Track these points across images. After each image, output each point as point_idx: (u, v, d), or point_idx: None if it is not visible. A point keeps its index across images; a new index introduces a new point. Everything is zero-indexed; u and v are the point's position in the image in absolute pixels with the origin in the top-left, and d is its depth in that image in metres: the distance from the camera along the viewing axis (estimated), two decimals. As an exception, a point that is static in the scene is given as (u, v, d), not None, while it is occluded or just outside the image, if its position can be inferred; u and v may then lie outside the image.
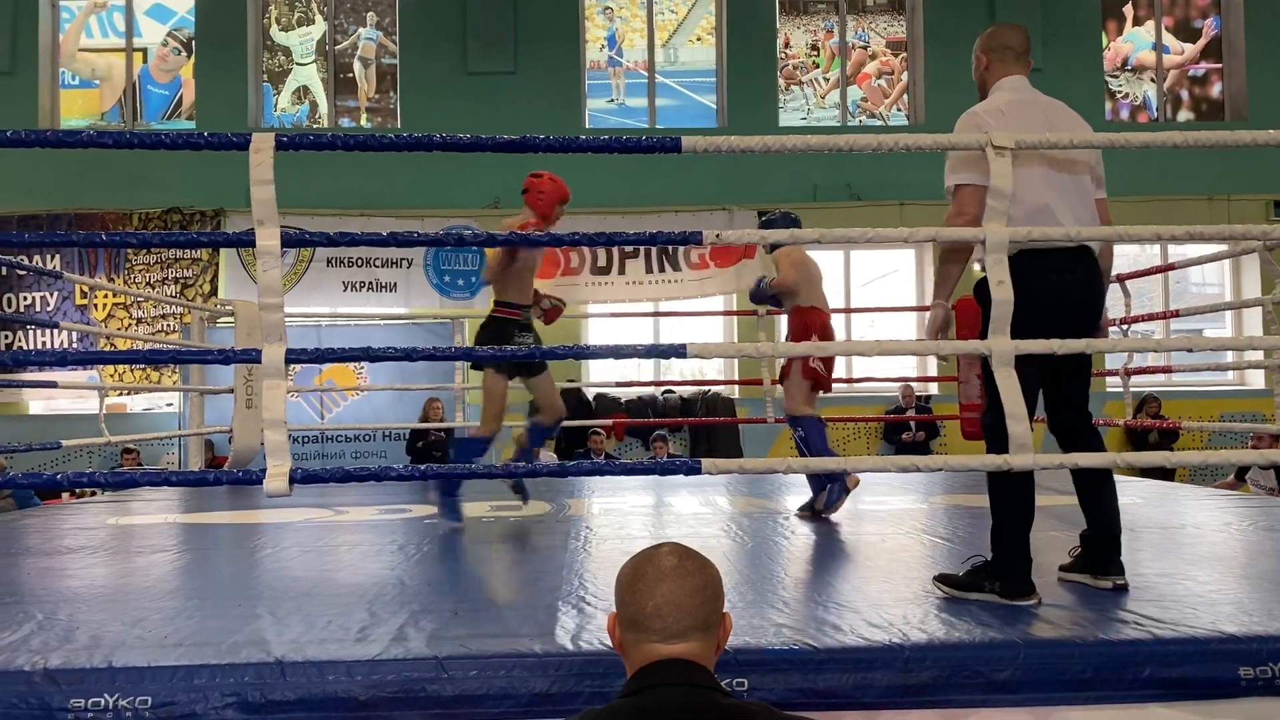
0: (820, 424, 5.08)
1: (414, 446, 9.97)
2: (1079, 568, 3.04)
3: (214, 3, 11.81)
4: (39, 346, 11.12)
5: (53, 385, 6.49)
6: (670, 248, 11.32)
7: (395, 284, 11.49)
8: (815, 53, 12.35)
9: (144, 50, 12.10)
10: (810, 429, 5.02)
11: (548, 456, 9.69)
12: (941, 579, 3.00)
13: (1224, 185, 11.50)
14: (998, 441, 2.88)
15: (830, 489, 4.76)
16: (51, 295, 11.32)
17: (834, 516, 4.76)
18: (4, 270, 11.14)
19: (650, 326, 11.36)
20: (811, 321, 5.05)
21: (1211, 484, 9.00)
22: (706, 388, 11.17)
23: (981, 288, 2.96)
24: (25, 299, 11.33)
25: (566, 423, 10.37)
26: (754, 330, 6.58)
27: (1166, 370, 6.82)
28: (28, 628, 2.59)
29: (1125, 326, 6.51)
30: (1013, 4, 11.75)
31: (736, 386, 10.89)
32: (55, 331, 11.05)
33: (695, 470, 2.89)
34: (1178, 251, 10.81)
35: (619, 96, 12.26)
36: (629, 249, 11.39)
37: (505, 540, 4.32)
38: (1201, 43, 12.41)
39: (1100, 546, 3.00)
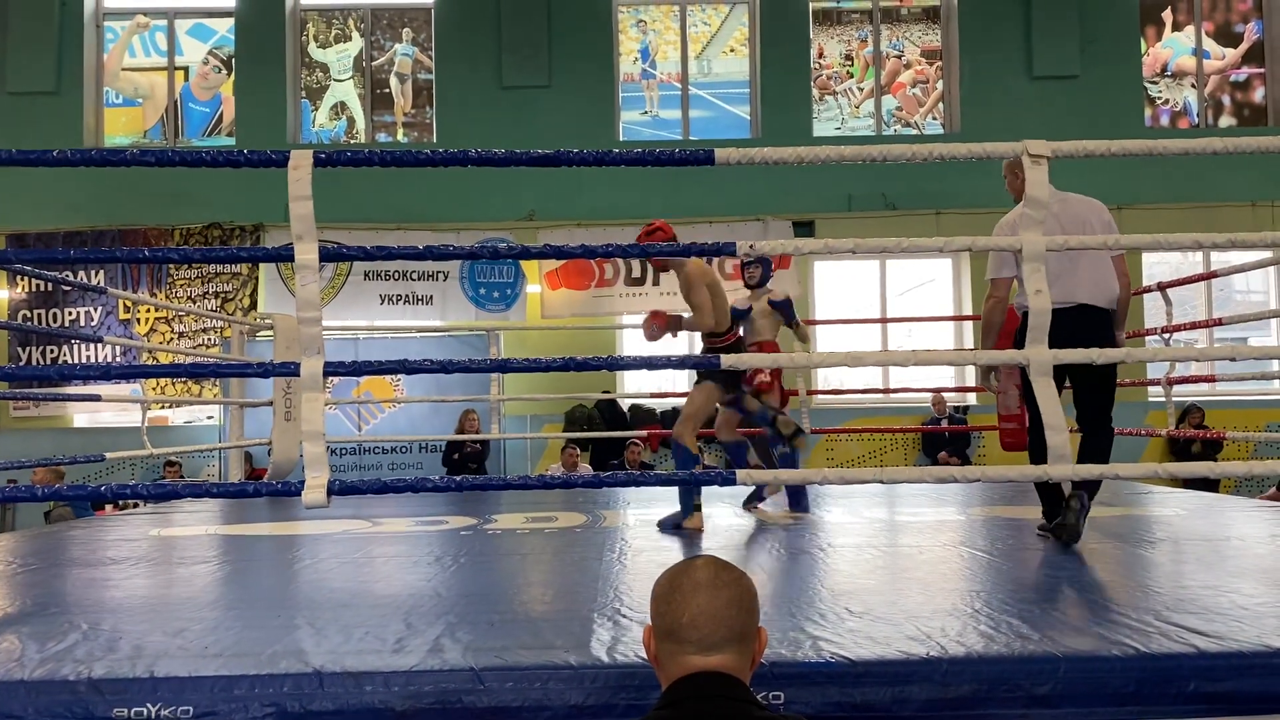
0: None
1: (450, 458, 10.03)
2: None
3: (253, 21, 12.01)
4: (83, 360, 11.31)
5: (96, 399, 6.59)
6: (705, 259, 11.30)
7: (431, 297, 11.58)
8: (849, 62, 12.32)
9: (185, 69, 12.32)
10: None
11: (584, 468, 9.71)
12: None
13: (1268, 191, 11.32)
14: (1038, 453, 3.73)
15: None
16: (95, 310, 11.53)
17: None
18: (50, 286, 11.36)
19: (685, 338, 11.34)
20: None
21: (1257, 495, 8.84)
22: (742, 399, 11.11)
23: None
24: (70, 314, 11.54)
25: (601, 434, 10.40)
26: (789, 340, 6.58)
27: (1210, 379, 6.72)
28: (73, 637, 2.63)
29: (1167, 335, 6.42)
30: (1049, 11, 11.67)
31: (772, 397, 10.83)
32: (99, 346, 11.24)
33: (730, 481, 2.88)
34: (1220, 259, 10.65)
35: (653, 109, 12.30)
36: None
37: (540, 552, 4.33)
38: (1243, 47, 12.24)
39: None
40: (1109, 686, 2.26)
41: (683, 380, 11.66)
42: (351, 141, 12.27)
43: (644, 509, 5.70)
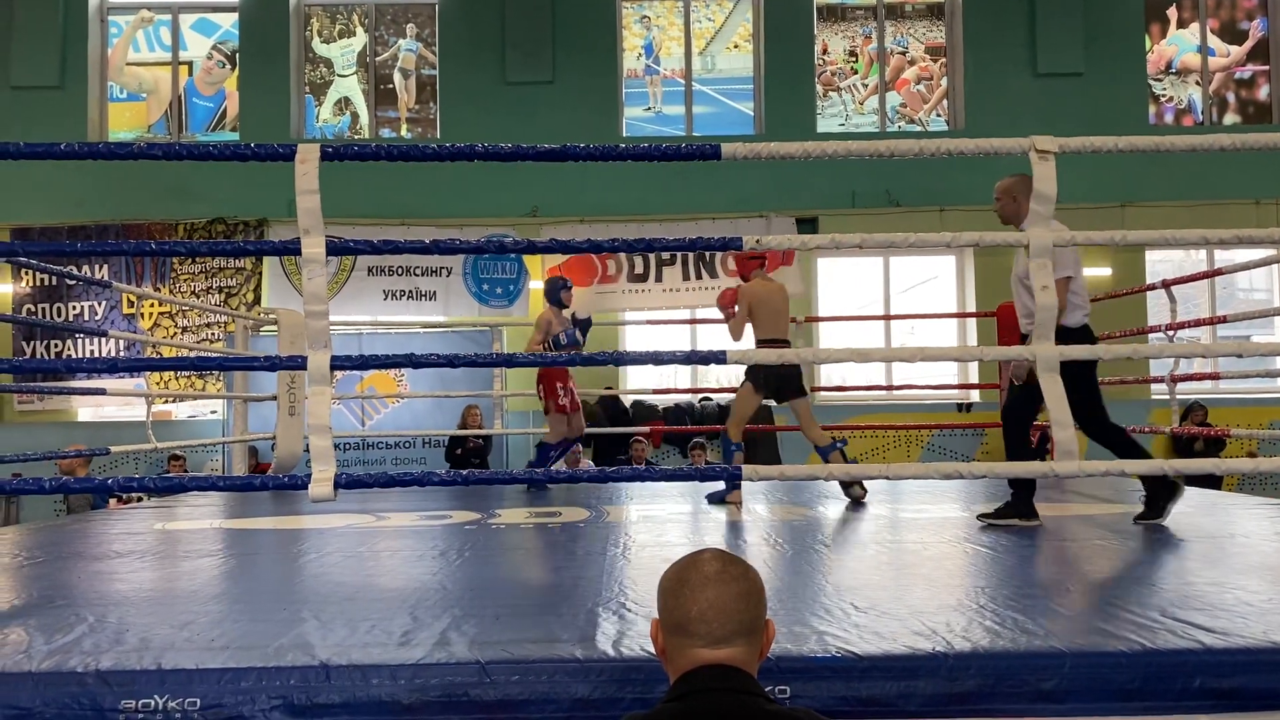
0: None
1: (453, 453, 10.04)
2: (1146, 515, 4.51)
3: (257, 16, 12.00)
4: (88, 355, 11.32)
5: (101, 392, 6.60)
6: (707, 255, 11.31)
7: (435, 292, 11.59)
8: (853, 59, 12.31)
9: (189, 64, 12.32)
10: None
11: (585, 464, 9.71)
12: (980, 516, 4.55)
13: (1272, 189, 11.30)
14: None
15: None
16: (100, 304, 11.54)
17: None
18: (55, 280, 11.37)
19: (688, 334, 11.35)
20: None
21: (1263, 493, 8.82)
22: (744, 395, 11.10)
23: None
24: (74, 308, 11.55)
25: (604, 430, 10.43)
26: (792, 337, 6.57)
27: (1214, 376, 6.72)
28: (80, 630, 2.63)
29: (1171, 332, 6.41)
30: (1054, 8, 11.64)
31: (775, 394, 10.82)
32: (103, 340, 11.25)
33: (735, 477, 2.88)
34: (1224, 256, 10.63)
35: (656, 105, 12.29)
36: (666, 256, 11.39)
37: (544, 546, 4.33)
38: (1248, 45, 12.21)
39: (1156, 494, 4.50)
40: (1114, 682, 2.26)
41: (685, 376, 11.67)
42: (355, 137, 12.26)
43: (646, 505, 5.70)
